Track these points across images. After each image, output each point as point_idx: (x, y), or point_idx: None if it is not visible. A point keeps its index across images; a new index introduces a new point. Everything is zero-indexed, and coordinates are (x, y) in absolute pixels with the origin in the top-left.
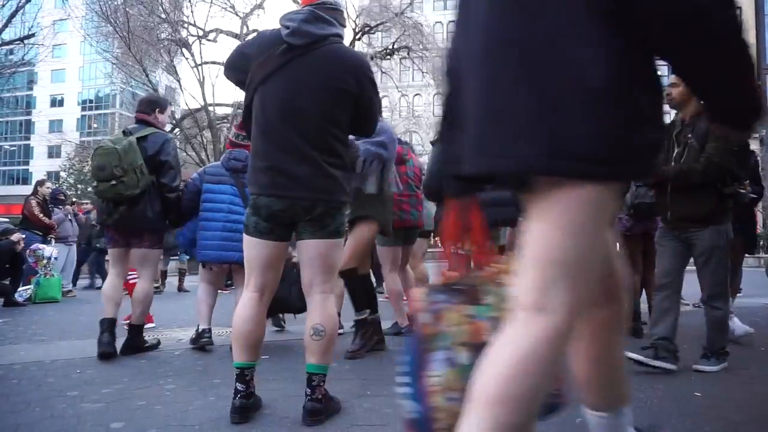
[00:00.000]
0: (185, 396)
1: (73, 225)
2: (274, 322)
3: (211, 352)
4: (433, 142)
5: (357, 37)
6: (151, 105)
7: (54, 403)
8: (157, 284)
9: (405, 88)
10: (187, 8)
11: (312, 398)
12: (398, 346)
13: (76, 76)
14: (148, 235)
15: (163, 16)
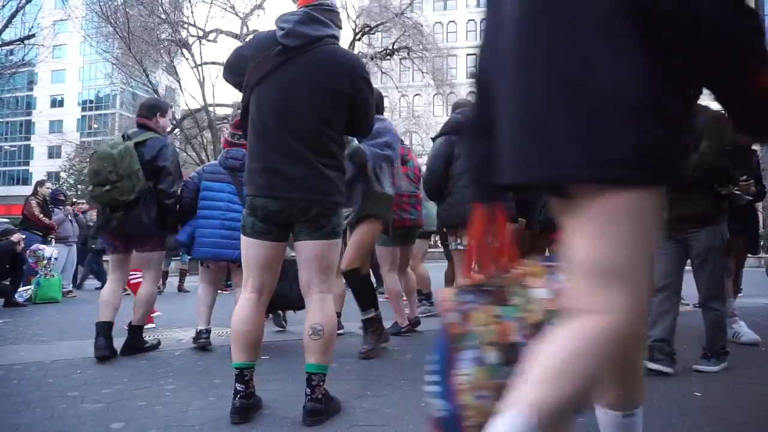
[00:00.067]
0: (185, 396)
1: (74, 225)
2: (276, 323)
3: (212, 352)
4: (434, 138)
5: (357, 38)
6: (152, 109)
7: (54, 403)
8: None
9: (405, 89)
10: (187, 9)
11: (312, 398)
12: (398, 346)
13: (77, 77)
14: (149, 239)
15: (163, 16)
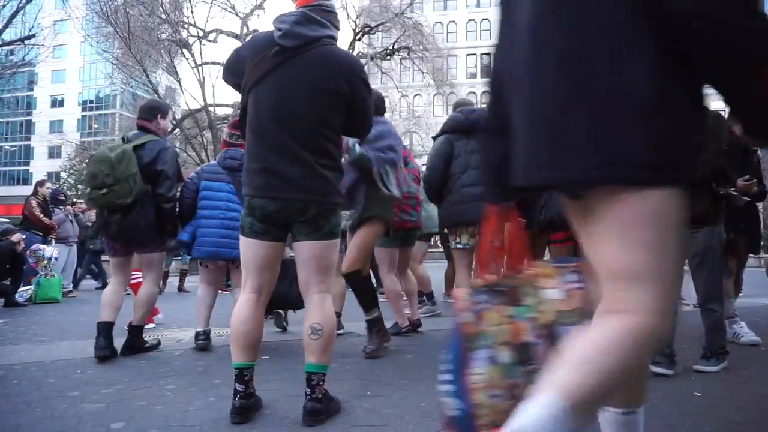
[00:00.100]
0: (186, 396)
1: (74, 225)
2: (276, 323)
3: (212, 352)
4: (435, 137)
5: (357, 38)
6: (152, 111)
7: (54, 403)
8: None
9: (405, 89)
10: (187, 9)
11: (312, 398)
12: (398, 346)
13: (77, 77)
14: (149, 241)
15: (164, 16)
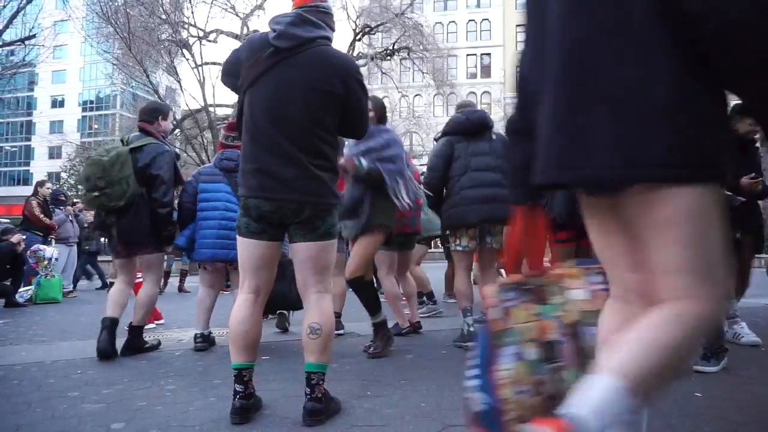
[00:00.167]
0: (186, 396)
1: (74, 226)
2: (279, 324)
3: (212, 352)
4: (437, 138)
5: (357, 38)
6: (153, 113)
7: (55, 403)
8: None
9: (405, 89)
10: (187, 9)
11: (312, 397)
12: (399, 346)
13: (77, 77)
14: (147, 243)
15: (164, 17)
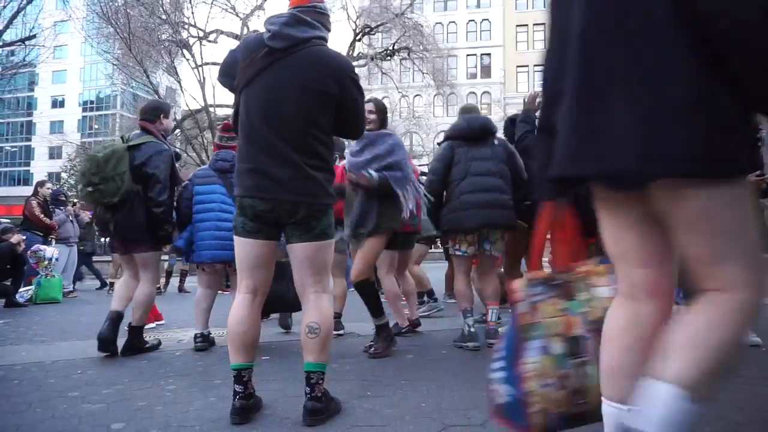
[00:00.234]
0: (186, 397)
1: (74, 226)
2: (282, 323)
3: (212, 352)
4: (440, 143)
5: (357, 38)
6: (154, 111)
7: (55, 403)
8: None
9: (405, 89)
10: (187, 9)
11: (312, 397)
12: (399, 346)
13: (77, 77)
14: (143, 240)
15: (164, 17)
